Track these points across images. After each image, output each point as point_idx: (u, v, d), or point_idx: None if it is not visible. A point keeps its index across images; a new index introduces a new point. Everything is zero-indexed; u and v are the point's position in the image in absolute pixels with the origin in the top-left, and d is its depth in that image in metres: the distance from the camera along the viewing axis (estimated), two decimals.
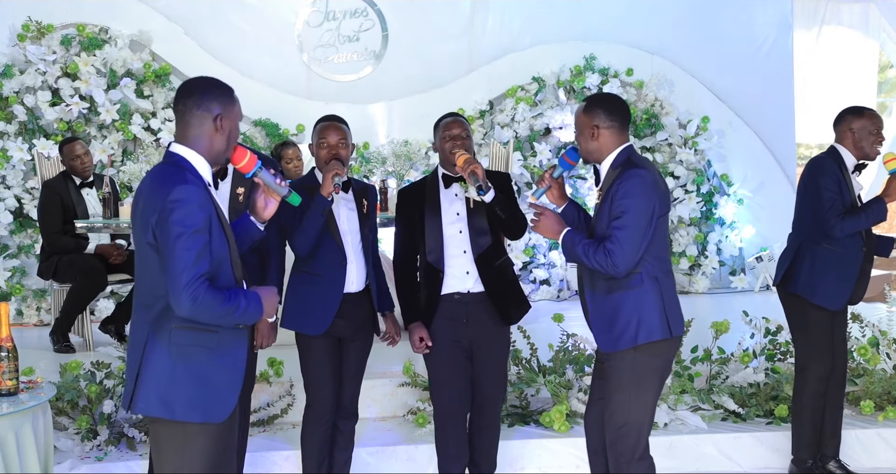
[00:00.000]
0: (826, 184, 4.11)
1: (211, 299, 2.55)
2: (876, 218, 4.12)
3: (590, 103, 3.39)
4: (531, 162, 8.08)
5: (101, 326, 6.18)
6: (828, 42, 10.22)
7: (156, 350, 2.65)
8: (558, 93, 8.23)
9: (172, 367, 2.64)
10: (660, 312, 3.29)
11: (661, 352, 3.33)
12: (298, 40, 8.11)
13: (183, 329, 2.63)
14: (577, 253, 3.27)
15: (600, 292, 3.34)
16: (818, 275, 4.18)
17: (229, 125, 2.75)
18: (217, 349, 2.68)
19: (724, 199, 8.49)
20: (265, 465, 4.44)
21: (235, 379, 2.73)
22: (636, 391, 3.31)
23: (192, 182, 2.61)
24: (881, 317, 5.57)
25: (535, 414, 4.85)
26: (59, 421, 4.50)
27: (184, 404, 2.64)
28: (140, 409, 2.68)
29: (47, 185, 6.06)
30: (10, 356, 3.29)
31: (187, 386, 2.64)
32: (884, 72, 11.92)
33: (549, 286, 8.11)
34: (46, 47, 7.41)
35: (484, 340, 3.76)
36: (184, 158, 2.70)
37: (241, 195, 3.69)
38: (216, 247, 2.64)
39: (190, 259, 2.54)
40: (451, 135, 3.72)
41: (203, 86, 2.76)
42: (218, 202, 2.73)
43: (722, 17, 8.59)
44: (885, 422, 4.86)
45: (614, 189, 3.25)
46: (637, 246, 3.20)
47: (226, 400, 2.70)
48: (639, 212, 3.20)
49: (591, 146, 3.37)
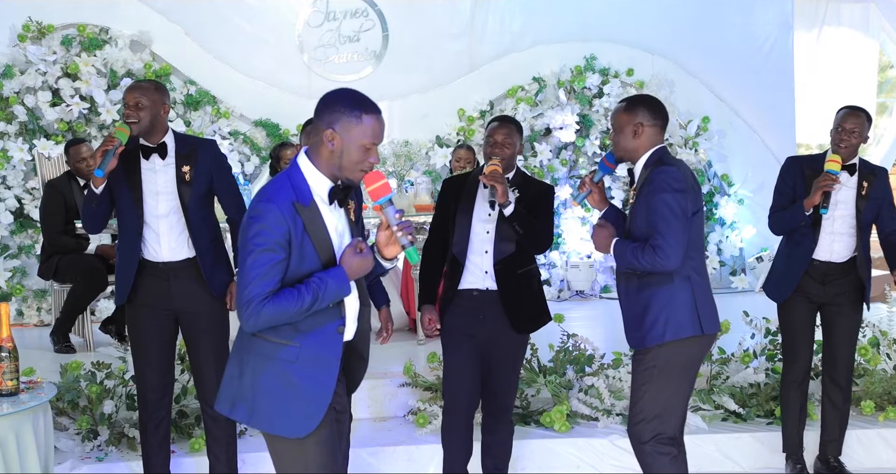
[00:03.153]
0: (777, 185, 4.32)
1: (273, 311, 2.48)
2: (791, 218, 4.18)
3: (632, 102, 3.44)
4: (532, 162, 8.09)
5: (101, 327, 6.19)
6: (828, 42, 10.21)
7: (237, 352, 2.65)
8: (559, 93, 8.23)
9: (250, 374, 2.60)
10: (690, 310, 3.32)
11: (689, 349, 3.35)
12: (299, 40, 8.11)
13: (260, 339, 2.59)
14: (628, 259, 3.31)
15: (632, 289, 3.39)
16: (779, 274, 4.34)
17: (341, 143, 2.58)
18: (297, 362, 2.58)
19: (725, 199, 8.49)
20: (265, 465, 4.43)
21: (321, 394, 2.61)
22: (658, 384, 3.34)
23: (279, 200, 2.52)
24: (881, 318, 5.58)
25: (536, 414, 4.86)
26: (59, 421, 4.50)
27: (260, 413, 2.60)
28: (224, 410, 2.68)
29: (51, 185, 6.07)
30: (10, 356, 3.29)
31: (263, 396, 2.59)
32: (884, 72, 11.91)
33: (549, 286, 8.11)
34: (47, 48, 7.41)
35: (498, 340, 3.77)
36: (299, 169, 2.63)
37: (187, 174, 3.79)
38: (297, 265, 2.54)
39: (256, 276, 2.48)
40: (493, 140, 3.75)
41: (330, 97, 2.65)
42: (325, 220, 2.62)
43: (722, 18, 8.59)
44: (886, 423, 4.86)
45: (646, 188, 3.30)
46: (680, 237, 3.24)
47: (306, 417, 2.60)
48: (673, 206, 3.24)
49: (630, 144, 3.41)
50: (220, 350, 3.92)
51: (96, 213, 3.83)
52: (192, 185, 3.81)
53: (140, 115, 3.74)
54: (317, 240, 2.59)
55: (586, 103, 8.25)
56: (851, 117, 4.16)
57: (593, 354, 5.06)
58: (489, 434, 3.88)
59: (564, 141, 8.15)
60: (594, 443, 4.64)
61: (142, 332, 3.85)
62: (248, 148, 7.80)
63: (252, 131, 7.89)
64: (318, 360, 2.61)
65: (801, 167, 4.25)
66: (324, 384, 2.61)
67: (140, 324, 3.85)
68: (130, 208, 3.77)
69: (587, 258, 8.15)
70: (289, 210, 2.53)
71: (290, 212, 2.53)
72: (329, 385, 2.61)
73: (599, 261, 8.20)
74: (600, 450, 4.63)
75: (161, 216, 3.77)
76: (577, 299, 8.12)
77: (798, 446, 4.42)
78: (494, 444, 3.89)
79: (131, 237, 3.80)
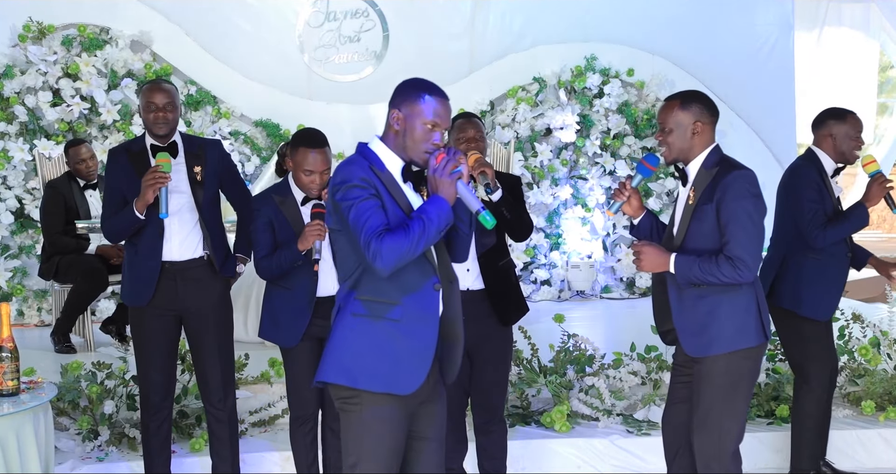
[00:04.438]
0: (808, 195, 4.03)
1: (390, 243, 2.59)
2: (859, 224, 4.05)
3: (687, 98, 3.31)
4: (532, 162, 8.09)
5: (101, 327, 6.19)
6: (828, 43, 10.22)
7: (341, 321, 2.75)
8: (559, 93, 8.23)
9: (355, 337, 2.72)
10: (755, 317, 3.23)
11: (755, 355, 3.28)
12: (299, 41, 8.11)
13: (364, 300, 2.72)
14: (696, 274, 3.15)
15: (690, 295, 3.25)
16: (804, 286, 4.08)
17: (405, 123, 2.74)
18: (402, 320, 2.71)
19: None
20: (265, 465, 4.45)
21: (425, 351, 2.73)
22: (731, 396, 3.25)
23: (357, 165, 2.71)
24: (882, 318, 5.57)
25: (536, 414, 4.86)
26: (60, 421, 4.50)
27: (366, 373, 2.70)
28: (323, 376, 2.76)
29: (51, 186, 6.07)
30: (11, 356, 3.28)
31: (369, 356, 2.70)
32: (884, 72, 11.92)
33: (549, 286, 8.11)
34: (47, 48, 7.41)
35: (483, 339, 3.75)
36: (368, 148, 2.79)
37: (199, 174, 3.85)
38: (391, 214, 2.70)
39: (364, 221, 2.62)
40: (466, 137, 3.74)
41: (400, 84, 2.83)
42: (406, 194, 2.77)
43: (723, 18, 8.58)
44: (886, 423, 4.86)
45: (721, 190, 3.18)
46: (759, 247, 3.16)
47: (412, 373, 2.72)
48: (753, 214, 3.15)
49: (686, 144, 3.29)
50: (225, 349, 3.94)
51: (132, 232, 3.81)
52: (205, 185, 3.87)
53: (169, 118, 3.79)
54: (398, 198, 2.74)
55: (587, 103, 8.25)
56: (860, 122, 4.18)
57: (594, 354, 5.06)
58: (484, 434, 3.86)
59: (565, 141, 8.15)
60: (595, 443, 4.64)
61: (146, 333, 3.85)
62: (248, 148, 7.80)
63: (252, 131, 7.89)
64: (421, 317, 2.74)
65: (817, 172, 4.11)
66: (428, 341, 2.74)
67: (144, 324, 3.85)
68: (149, 211, 3.75)
69: (588, 258, 8.14)
70: (368, 172, 2.71)
71: (369, 174, 2.70)
72: (432, 341, 2.75)
73: (600, 262, 8.21)
74: (601, 450, 4.63)
75: (173, 214, 3.79)
76: (578, 299, 8.12)
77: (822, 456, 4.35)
78: (491, 445, 3.88)
79: (152, 238, 3.80)
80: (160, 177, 3.63)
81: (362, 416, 2.73)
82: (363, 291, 2.72)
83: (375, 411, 2.71)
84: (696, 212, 3.24)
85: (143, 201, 3.68)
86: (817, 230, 3.99)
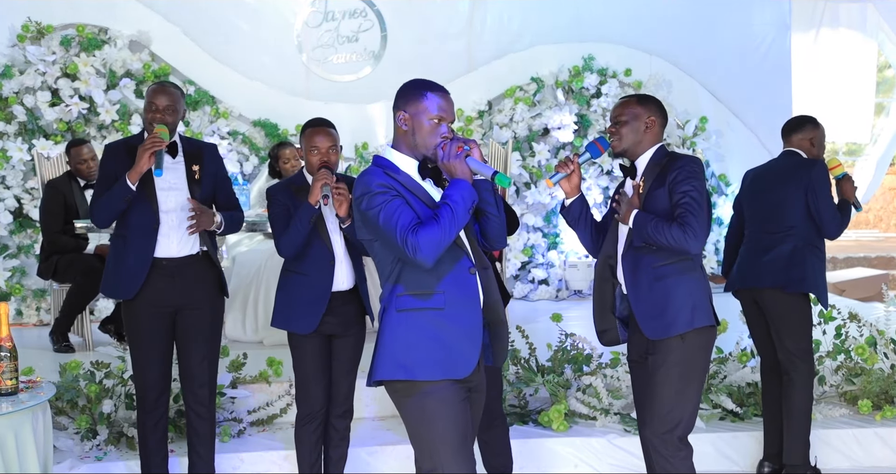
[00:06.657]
0: (829, 192, 4.29)
1: (425, 234, 2.68)
2: (849, 219, 4.41)
3: (644, 97, 3.49)
4: (530, 162, 8.10)
5: (100, 326, 6.20)
6: (826, 43, 10.24)
7: (388, 319, 2.82)
8: (557, 93, 8.24)
9: (404, 331, 2.78)
10: (709, 298, 3.38)
11: (707, 339, 3.38)
12: (297, 41, 8.11)
13: (406, 295, 2.79)
14: (649, 231, 3.29)
15: (646, 280, 3.35)
16: (819, 274, 4.31)
17: (411, 122, 2.83)
18: (446, 307, 2.78)
19: (722, 199, 8.50)
20: (264, 465, 4.45)
21: (474, 333, 2.80)
22: (684, 379, 3.33)
23: (374, 173, 2.79)
24: (879, 317, 5.58)
25: (534, 413, 4.87)
26: (58, 420, 4.51)
27: (422, 364, 2.76)
28: (379, 375, 2.80)
29: (51, 185, 6.08)
30: (9, 356, 3.29)
31: (421, 346, 2.76)
32: (882, 72, 11.94)
33: (547, 286, 8.12)
34: (46, 48, 7.41)
35: None
36: (382, 158, 2.88)
37: (197, 173, 3.92)
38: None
39: (395, 220, 2.70)
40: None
41: (400, 87, 2.90)
42: (426, 190, 2.84)
43: (720, 18, 8.60)
44: (883, 422, 4.87)
45: (674, 174, 3.32)
46: (706, 225, 3.30)
47: (465, 356, 2.78)
48: (703, 194, 3.30)
49: (638, 137, 3.43)
50: (214, 346, 3.99)
51: (121, 209, 3.84)
52: (202, 184, 3.93)
53: (168, 121, 3.84)
54: (420, 195, 2.82)
55: (584, 103, 8.26)
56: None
57: (591, 354, 5.07)
58: (485, 430, 3.85)
59: (562, 141, 8.15)
60: (592, 443, 4.65)
61: (141, 330, 3.87)
62: (246, 148, 7.80)
63: (251, 131, 7.90)
64: (463, 302, 2.81)
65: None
66: (474, 322, 2.81)
67: (139, 321, 3.87)
68: (144, 204, 3.82)
69: (585, 257, 8.15)
70: (385, 178, 2.79)
71: (387, 179, 2.79)
72: (478, 322, 2.82)
73: None
74: (598, 450, 4.64)
75: (171, 211, 3.84)
76: (576, 299, 8.13)
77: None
78: (495, 441, 3.89)
79: (145, 233, 3.83)
80: (158, 141, 3.73)
81: (426, 405, 2.78)
82: (404, 286, 2.79)
83: (438, 397, 2.77)
84: (648, 197, 3.38)
85: (137, 170, 3.73)
86: (836, 225, 4.28)
